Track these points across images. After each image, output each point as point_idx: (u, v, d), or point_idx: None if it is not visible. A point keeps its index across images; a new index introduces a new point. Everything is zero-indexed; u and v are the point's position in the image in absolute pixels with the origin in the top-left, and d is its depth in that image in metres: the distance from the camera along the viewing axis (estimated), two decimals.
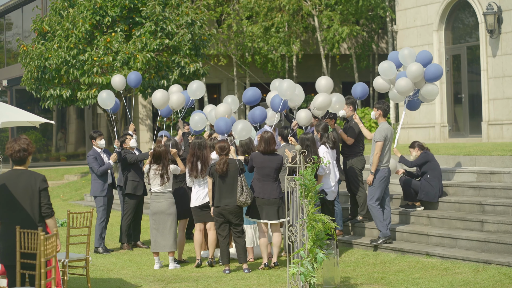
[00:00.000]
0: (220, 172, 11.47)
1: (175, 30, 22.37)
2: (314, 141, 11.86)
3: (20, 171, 8.16)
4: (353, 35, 28.05)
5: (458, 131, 21.51)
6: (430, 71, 13.31)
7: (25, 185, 8.08)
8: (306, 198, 9.52)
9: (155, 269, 12.10)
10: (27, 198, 8.07)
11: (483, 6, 20.01)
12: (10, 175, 8.15)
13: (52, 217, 8.16)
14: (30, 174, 8.15)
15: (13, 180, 8.09)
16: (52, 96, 22.83)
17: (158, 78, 22.51)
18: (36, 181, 8.11)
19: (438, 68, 13.40)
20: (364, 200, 13.32)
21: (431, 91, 13.40)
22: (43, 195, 8.11)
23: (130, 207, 14.18)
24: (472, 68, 21.12)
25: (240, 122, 12.60)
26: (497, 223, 11.60)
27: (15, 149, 8.09)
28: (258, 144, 11.71)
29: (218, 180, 11.53)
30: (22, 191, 8.07)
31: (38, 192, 8.08)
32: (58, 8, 23.09)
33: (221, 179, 11.52)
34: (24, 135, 8.45)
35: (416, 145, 13.32)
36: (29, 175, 8.14)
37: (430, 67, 13.36)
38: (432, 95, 13.48)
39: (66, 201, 23.63)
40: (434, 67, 13.39)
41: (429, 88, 13.38)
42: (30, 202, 8.07)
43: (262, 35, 27.76)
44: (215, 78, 30.59)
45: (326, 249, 9.74)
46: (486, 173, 13.57)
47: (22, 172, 8.15)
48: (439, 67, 13.49)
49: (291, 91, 12.93)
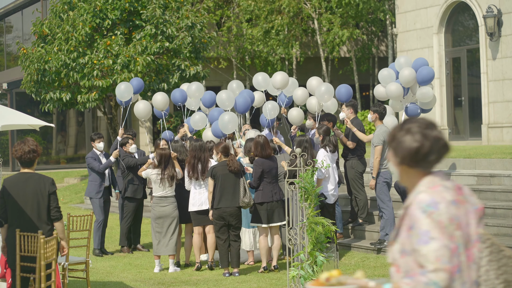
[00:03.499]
0: (236, 170, 11.42)
1: (175, 33, 22.37)
2: (311, 143, 11.85)
3: (28, 174, 8.13)
4: (353, 38, 28.06)
5: (458, 134, 21.51)
6: (422, 74, 13.31)
7: (34, 189, 8.07)
8: (306, 201, 9.52)
9: (155, 272, 12.09)
10: (35, 201, 8.06)
11: (483, 9, 20.02)
12: (18, 179, 8.12)
13: (60, 220, 8.16)
14: (39, 177, 8.14)
15: (22, 184, 8.07)
16: (52, 99, 22.83)
17: (159, 81, 22.51)
18: (45, 184, 8.11)
19: (430, 71, 13.42)
20: (364, 203, 13.32)
21: (426, 93, 13.35)
22: (52, 199, 8.11)
23: (129, 210, 14.18)
24: (472, 71, 21.13)
25: (226, 114, 12.69)
26: (497, 226, 11.60)
27: (25, 151, 8.06)
28: (255, 150, 11.64)
29: (220, 182, 11.50)
30: (31, 195, 8.05)
31: (47, 196, 8.06)
32: (58, 11, 23.09)
33: (223, 181, 11.48)
34: (31, 138, 8.45)
35: None
36: (37, 178, 8.13)
37: (422, 70, 13.37)
38: (427, 97, 13.41)
39: (66, 204, 23.62)
40: (426, 70, 13.41)
41: (423, 91, 13.35)
42: (38, 206, 8.06)
43: (262, 38, 27.77)
44: (215, 81, 30.60)
45: (326, 252, 9.73)
46: (486, 176, 13.57)
47: (31, 175, 8.13)
48: (431, 69, 13.51)
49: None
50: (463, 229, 3.42)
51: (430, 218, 3.33)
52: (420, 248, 3.34)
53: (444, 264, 3.29)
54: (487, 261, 3.57)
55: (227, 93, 13.52)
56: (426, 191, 3.43)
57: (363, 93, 29.61)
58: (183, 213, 12.51)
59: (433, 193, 3.43)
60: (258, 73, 14.31)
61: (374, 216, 13.51)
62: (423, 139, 3.46)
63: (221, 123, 12.78)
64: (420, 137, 3.46)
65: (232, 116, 12.87)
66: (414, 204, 3.42)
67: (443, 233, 3.32)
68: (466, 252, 3.43)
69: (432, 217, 3.33)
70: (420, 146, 3.46)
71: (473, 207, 3.54)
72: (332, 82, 30.56)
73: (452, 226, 3.36)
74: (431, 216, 3.33)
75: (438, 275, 3.29)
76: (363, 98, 30.94)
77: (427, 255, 3.30)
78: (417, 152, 3.47)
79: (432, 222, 3.32)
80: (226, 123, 12.79)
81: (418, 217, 3.37)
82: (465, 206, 3.50)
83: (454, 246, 3.35)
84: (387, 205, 12.17)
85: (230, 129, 12.84)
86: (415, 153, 3.47)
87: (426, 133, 3.47)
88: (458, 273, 3.38)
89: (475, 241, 3.48)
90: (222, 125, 12.77)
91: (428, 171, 3.55)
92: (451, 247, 3.34)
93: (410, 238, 3.39)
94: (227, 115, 12.84)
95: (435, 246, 3.30)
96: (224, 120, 12.76)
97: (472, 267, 3.46)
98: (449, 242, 3.33)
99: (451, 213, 3.38)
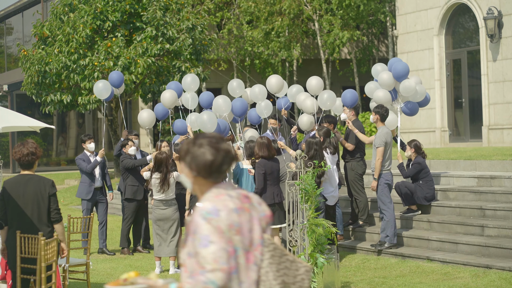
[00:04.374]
0: None
1: (175, 35, 22.38)
2: (321, 145, 11.78)
3: (28, 176, 8.13)
4: (354, 40, 28.07)
5: (458, 135, 21.51)
6: (397, 70, 13.17)
7: (34, 191, 8.06)
8: (307, 203, 9.52)
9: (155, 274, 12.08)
10: (35, 203, 8.05)
11: (484, 11, 20.02)
12: (19, 181, 8.11)
13: (60, 222, 8.16)
14: (39, 179, 8.13)
15: (22, 186, 8.07)
16: (52, 101, 22.85)
17: (159, 83, 22.53)
18: (46, 186, 8.10)
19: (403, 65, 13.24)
20: (364, 205, 13.32)
21: (408, 87, 13.19)
22: (52, 200, 8.10)
23: (129, 212, 14.19)
24: (472, 72, 21.13)
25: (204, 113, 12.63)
26: (498, 228, 11.59)
27: (23, 153, 8.06)
28: (259, 150, 11.58)
29: None
30: (31, 197, 8.05)
31: (47, 198, 8.06)
32: (59, 13, 23.11)
33: None
34: (31, 139, 8.44)
35: (413, 146, 13.21)
36: (37, 180, 8.13)
37: (397, 66, 13.22)
38: (410, 91, 13.20)
39: (66, 205, 23.61)
40: (400, 64, 13.25)
41: (406, 84, 13.20)
42: (38, 208, 8.06)
43: (262, 40, 27.78)
44: (215, 82, 30.62)
45: (327, 254, 9.73)
46: (486, 177, 13.56)
47: (31, 177, 8.12)
48: (404, 63, 13.32)
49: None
50: (244, 234, 3.76)
51: (210, 224, 3.67)
52: (201, 251, 3.66)
53: (221, 265, 3.62)
54: (268, 264, 3.85)
55: (224, 98, 13.40)
56: (210, 200, 3.78)
57: (363, 94, 29.60)
58: (183, 214, 12.49)
59: (216, 201, 3.76)
60: (255, 85, 14.18)
61: (374, 218, 13.50)
62: (216, 152, 3.84)
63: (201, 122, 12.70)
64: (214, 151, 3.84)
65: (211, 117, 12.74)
66: (197, 211, 3.76)
67: (221, 238, 3.66)
68: (246, 255, 3.77)
69: (211, 223, 3.67)
70: (214, 159, 3.83)
71: (259, 215, 3.88)
72: (333, 84, 30.58)
73: (232, 231, 3.71)
74: (211, 222, 3.67)
75: (216, 274, 3.61)
76: (363, 100, 30.93)
77: (206, 257, 3.63)
78: (212, 164, 3.83)
79: (211, 228, 3.66)
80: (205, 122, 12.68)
81: (199, 223, 3.71)
82: (250, 213, 3.83)
83: (231, 250, 3.69)
84: (388, 206, 12.17)
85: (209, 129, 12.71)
86: (210, 165, 3.83)
87: (217, 147, 3.86)
88: (235, 273, 3.71)
89: (257, 245, 3.82)
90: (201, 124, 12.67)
91: (217, 181, 3.89)
92: (229, 250, 3.68)
93: (193, 242, 3.71)
94: (206, 114, 12.75)
95: (213, 249, 3.63)
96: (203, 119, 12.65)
97: (252, 268, 3.79)
98: (227, 246, 3.67)
99: (232, 220, 3.73)
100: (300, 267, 3.94)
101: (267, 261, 3.86)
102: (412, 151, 13.13)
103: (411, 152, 13.13)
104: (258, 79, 29.70)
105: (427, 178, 12.98)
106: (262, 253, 3.84)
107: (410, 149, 13.16)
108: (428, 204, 13.05)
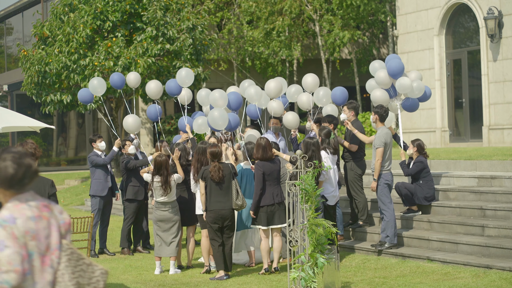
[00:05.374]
0: (218, 180, 11.37)
1: (176, 35, 22.38)
2: (319, 146, 11.79)
3: None
4: (354, 40, 28.06)
5: (458, 135, 21.50)
6: (391, 68, 13.15)
7: (33, 191, 8.04)
8: (307, 203, 9.51)
9: (155, 274, 12.08)
10: None
11: (484, 11, 20.02)
12: None
13: None
14: (39, 179, 8.12)
15: None
16: (52, 101, 22.84)
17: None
18: (45, 186, 8.10)
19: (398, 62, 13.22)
20: (363, 205, 13.31)
21: (404, 85, 13.17)
22: (52, 200, 8.10)
23: (130, 212, 14.19)
24: (472, 72, 21.12)
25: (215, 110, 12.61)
26: (498, 228, 11.59)
27: None
28: (256, 152, 11.61)
29: (211, 184, 11.44)
30: None
31: (47, 198, 8.06)
32: (59, 13, 23.10)
33: (214, 183, 11.44)
34: (31, 140, 8.43)
35: (416, 145, 13.21)
36: (37, 180, 8.11)
37: (391, 64, 13.21)
38: (406, 88, 13.19)
39: (66, 206, 23.63)
40: (395, 62, 13.24)
41: (401, 82, 13.19)
42: None
43: (263, 40, 27.77)
44: (215, 83, 30.61)
45: (327, 254, 9.72)
46: (487, 177, 13.56)
47: None
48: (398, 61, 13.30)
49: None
50: (40, 239, 4.15)
51: (5, 231, 4.04)
52: None
53: (15, 266, 4.00)
54: (64, 266, 4.23)
55: (220, 92, 13.38)
56: (8, 208, 4.14)
57: (364, 95, 29.60)
58: (185, 215, 12.49)
59: (14, 210, 4.14)
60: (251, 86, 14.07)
61: (374, 218, 13.50)
62: (17, 167, 4.21)
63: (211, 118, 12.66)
64: (15, 165, 4.21)
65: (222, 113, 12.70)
66: None
67: (16, 243, 4.04)
68: (42, 258, 4.15)
69: (6, 230, 4.04)
70: (15, 172, 4.20)
71: (59, 222, 4.27)
72: (333, 84, 30.57)
73: (28, 237, 4.09)
74: (6, 229, 4.04)
75: (10, 275, 3.98)
76: (363, 100, 30.93)
77: (1, 260, 4.00)
78: (12, 177, 4.19)
79: (6, 233, 4.04)
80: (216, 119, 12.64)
81: None
82: (49, 221, 4.23)
83: (25, 253, 4.07)
84: (388, 207, 12.16)
85: (221, 126, 12.68)
86: (11, 179, 4.19)
87: (20, 162, 4.25)
88: (29, 274, 4.08)
89: (54, 250, 4.20)
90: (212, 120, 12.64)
91: (20, 192, 4.25)
92: (23, 254, 4.05)
93: None
94: (217, 111, 12.72)
95: (8, 252, 4.00)
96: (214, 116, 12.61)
97: (48, 270, 4.17)
98: (21, 250, 4.05)
99: (28, 227, 4.11)
100: (96, 270, 4.33)
101: (64, 264, 4.23)
102: (415, 150, 13.12)
103: (413, 151, 13.13)
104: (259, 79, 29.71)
105: (428, 178, 12.98)
106: (59, 257, 4.21)
107: (413, 147, 13.16)
108: (428, 204, 13.06)
